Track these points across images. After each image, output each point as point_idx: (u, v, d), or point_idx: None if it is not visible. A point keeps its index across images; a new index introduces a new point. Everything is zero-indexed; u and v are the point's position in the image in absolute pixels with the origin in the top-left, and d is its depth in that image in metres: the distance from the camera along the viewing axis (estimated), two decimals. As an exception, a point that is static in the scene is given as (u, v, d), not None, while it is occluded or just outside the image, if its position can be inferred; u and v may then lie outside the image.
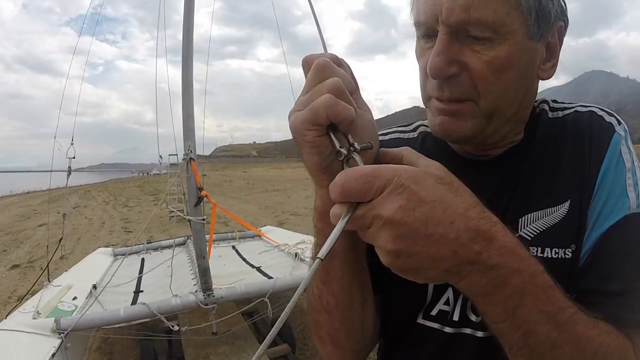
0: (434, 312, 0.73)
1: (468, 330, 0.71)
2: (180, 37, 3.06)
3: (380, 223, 0.45)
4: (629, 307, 0.59)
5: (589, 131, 0.69)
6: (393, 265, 0.47)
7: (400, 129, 0.87)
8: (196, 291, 3.06)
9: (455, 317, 0.72)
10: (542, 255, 0.66)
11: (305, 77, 0.52)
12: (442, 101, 0.65)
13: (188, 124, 3.03)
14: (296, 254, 4.27)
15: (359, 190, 0.45)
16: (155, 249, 5.15)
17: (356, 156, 0.48)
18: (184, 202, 3.19)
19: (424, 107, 0.72)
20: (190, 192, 3.05)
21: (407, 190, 0.44)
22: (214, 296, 2.99)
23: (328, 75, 0.50)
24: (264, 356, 3.14)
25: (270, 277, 3.60)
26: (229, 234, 5.86)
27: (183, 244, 5.05)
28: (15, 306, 3.28)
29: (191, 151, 2.98)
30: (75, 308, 2.95)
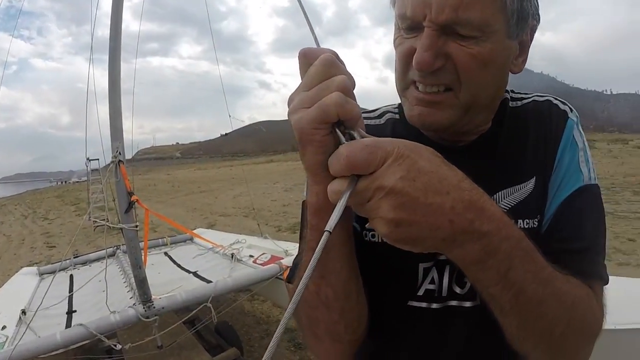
0: (420, 293, 0.77)
1: (454, 303, 0.77)
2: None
3: (382, 194, 0.47)
4: (589, 262, 0.70)
5: (548, 117, 0.78)
6: (392, 235, 0.49)
7: (365, 114, 0.86)
8: (134, 304, 2.90)
9: (444, 293, 0.76)
10: None
11: (302, 71, 0.52)
12: (421, 91, 0.68)
13: (116, 124, 2.82)
14: (232, 255, 4.18)
15: (364, 160, 0.46)
16: (84, 264, 4.85)
17: None
18: (115, 209, 2.98)
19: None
20: (120, 198, 2.85)
21: (407, 161, 0.47)
22: (154, 308, 2.84)
23: (334, 71, 0.50)
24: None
25: (209, 281, 3.51)
26: (160, 240, 5.58)
27: (113, 255, 4.79)
28: None
29: (120, 153, 2.78)
30: (6, 339, 2.71)
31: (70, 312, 3.25)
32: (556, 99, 0.81)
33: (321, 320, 0.70)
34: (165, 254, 5.04)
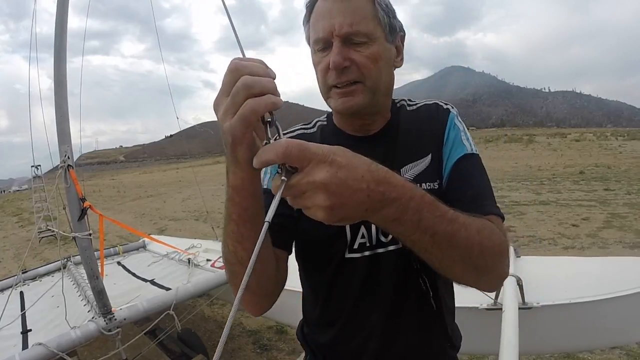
0: (355, 246, 1.04)
1: (381, 250, 1.04)
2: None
3: (314, 187, 0.59)
4: (481, 205, 0.94)
5: (436, 113, 1.10)
6: (329, 218, 0.62)
7: (303, 126, 1.17)
8: (94, 317, 2.71)
9: (373, 242, 1.04)
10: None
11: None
12: (339, 87, 0.97)
13: (63, 127, 2.61)
14: (189, 260, 4.06)
15: (297, 155, 0.58)
16: (34, 279, 4.55)
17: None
18: (63, 218, 2.78)
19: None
20: (71, 205, 2.66)
21: (329, 159, 0.60)
22: (115, 319, 2.67)
23: (242, 75, 0.61)
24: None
25: (168, 289, 3.36)
26: (112, 249, 5.35)
27: (64, 267, 4.49)
28: None
29: (68, 157, 2.60)
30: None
31: (25, 332, 3.02)
32: (441, 101, 1.13)
33: (238, 273, 0.85)
34: (119, 263, 4.82)
